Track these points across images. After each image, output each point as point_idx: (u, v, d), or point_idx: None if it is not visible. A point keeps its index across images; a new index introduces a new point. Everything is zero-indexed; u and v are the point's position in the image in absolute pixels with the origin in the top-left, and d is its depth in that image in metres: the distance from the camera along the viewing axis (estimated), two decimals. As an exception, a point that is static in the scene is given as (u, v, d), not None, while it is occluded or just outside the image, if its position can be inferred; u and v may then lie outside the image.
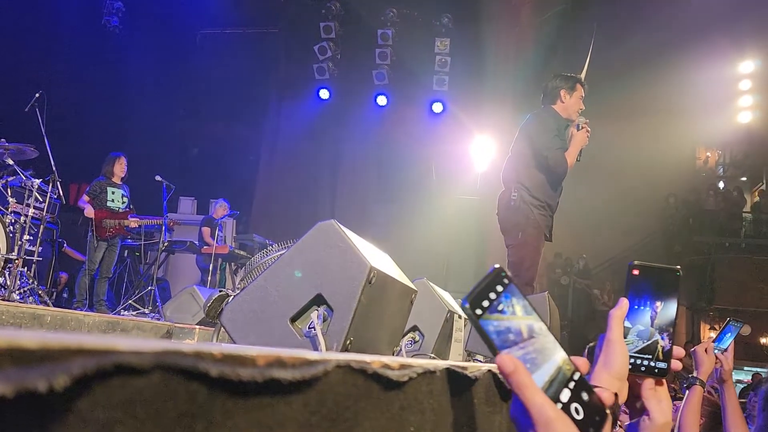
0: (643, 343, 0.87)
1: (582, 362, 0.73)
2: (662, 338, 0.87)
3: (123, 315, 6.59)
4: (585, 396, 0.69)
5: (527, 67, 11.42)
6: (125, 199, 7.48)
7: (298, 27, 13.08)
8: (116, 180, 7.44)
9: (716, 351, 2.27)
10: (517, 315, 0.69)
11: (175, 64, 12.80)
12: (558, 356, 0.70)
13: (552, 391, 0.67)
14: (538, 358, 0.68)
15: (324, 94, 12.91)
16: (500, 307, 0.68)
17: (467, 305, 0.66)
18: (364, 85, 12.68)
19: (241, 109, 13.07)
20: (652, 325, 0.88)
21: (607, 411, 0.71)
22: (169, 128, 12.90)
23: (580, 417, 0.67)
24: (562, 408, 0.67)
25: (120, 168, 7.44)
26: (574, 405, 0.68)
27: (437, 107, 12.41)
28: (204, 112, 12.90)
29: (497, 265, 0.70)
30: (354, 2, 12.74)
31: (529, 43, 11.67)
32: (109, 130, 12.10)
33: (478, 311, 0.66)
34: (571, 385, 0.69)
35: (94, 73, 12.03)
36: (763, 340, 13.36)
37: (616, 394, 0.77)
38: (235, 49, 13.20)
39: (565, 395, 0.68)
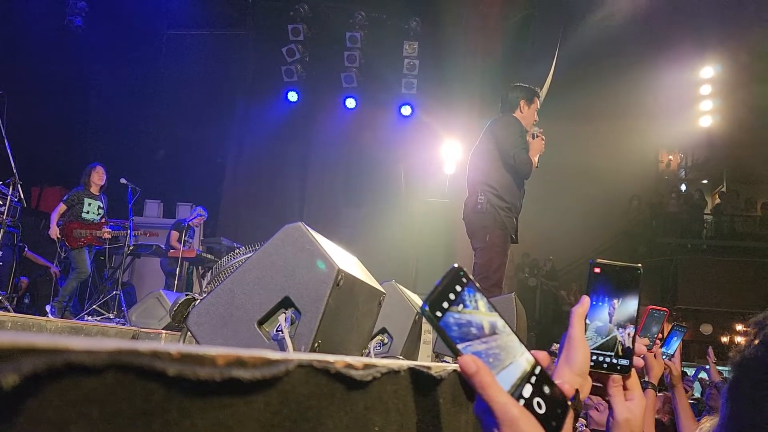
0: (602, 338, 0.88)
1: (542, 356, 0.74)
2: (620, 334, 0.89)
3: (87, 320, 6.48)
4: (546, 389, 0.70)
5: (495, 71, 11.54)
6: (101, 211, 7.43)
7: (266, 29, 13.01)
8: (94, 190, 7.41)
9: (664, 357, 2.30)
10: (480, 310, 0.69)
11: (141, 65, 12.60)
12: (520, 354, 0.71)
13: (515, 387, 0.68)
14: (501, 354, 0.69)
15: (292, 96, 12.85)
16: (462, 302, 0.68)
17: (427, 308, 0.66)
18: (333, 88, 12.66)
19: (208, 111, 12.92)
20: (610, 322, 0.89)
21: (569, 403, 0.72)
22: (134, 130, 12.70)
23: (542, 411, 0.68)
24: (525, 403, 0.68)
25: (97, 177, 7.41)
26: (536, 399, 0.69)
27: (406, 110, 12.45)
28: (170, 114, 12.72)
29: (456, 265, 0.70)
30: (322, 5, 12.73)
31: (497, 47, 11.79)
32: (72, 131, 11.86)
33: (438, 313, 0.66)
34: (533, 379, 0.70)
35: (57, 74, 11.77)
36: (724, 339, 13.69)
37: (577, 390, 0.78)
38: (202, 50, 13.05)
39: (527, 390, 0.69)
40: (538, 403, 0.68)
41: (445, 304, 0.67)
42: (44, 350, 0.31)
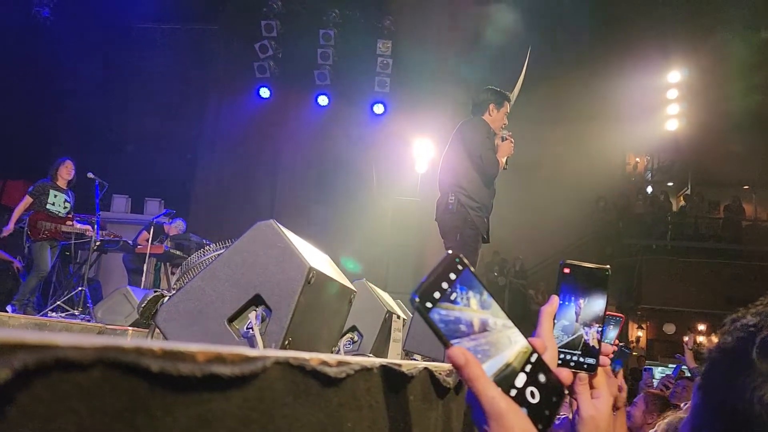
0: (568, 337, 0.90)
1: (539, 343, 0.74)
2: (586, 333, 0.91)
3: (51, 317, 6.36)
4: (542, 378, 0.70)
5: (468, 71, 11.61)
6: (67, 205, 7.30)
7: (238, 24, 12.90)
8: (62, 184, 7.28)
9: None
10: (471, 307, 0.68)
11: (110, 59, 12.39)
12: (516, 347, 0.70)
13: (505, 379, 0.67)
14: (490, 351, 0.68)
15: (264, 92, 12.77)
16: (452, 297, 0.67)
17: (417, 298, 0.65)
18: (306, 85, 12.62)
19: (178, 105, 12.75)
20: (576, 321, 0.91)
21: (566, 390, 0.71)
22: (102, 124, 12.47)
23: (535, 400, 0.68)
24: (517, 394, 0.67)
25: (65, 171, 7.28)
26: (529, 389, 0.68)
27: (378, 108, 12.47)
28: (140, 108, 12.52)
29: (450, 251, 0.69)
30: (296, 1, 12.67)
31: (469, 48, 11.87)
32: (38, 124, 11.60)
33: (428, 304, 0.65)
34: (528, 368, 0.69)
35: (23, 67, 11.50)
36: (686, 339, 14.01)
37: None
38: (174, 44, 12.88)
39: (521, 380, 0.68)
40: (532, 393, 0.68)
41: (437, 294, 0.66)
42: (34, 346, 0.32)
